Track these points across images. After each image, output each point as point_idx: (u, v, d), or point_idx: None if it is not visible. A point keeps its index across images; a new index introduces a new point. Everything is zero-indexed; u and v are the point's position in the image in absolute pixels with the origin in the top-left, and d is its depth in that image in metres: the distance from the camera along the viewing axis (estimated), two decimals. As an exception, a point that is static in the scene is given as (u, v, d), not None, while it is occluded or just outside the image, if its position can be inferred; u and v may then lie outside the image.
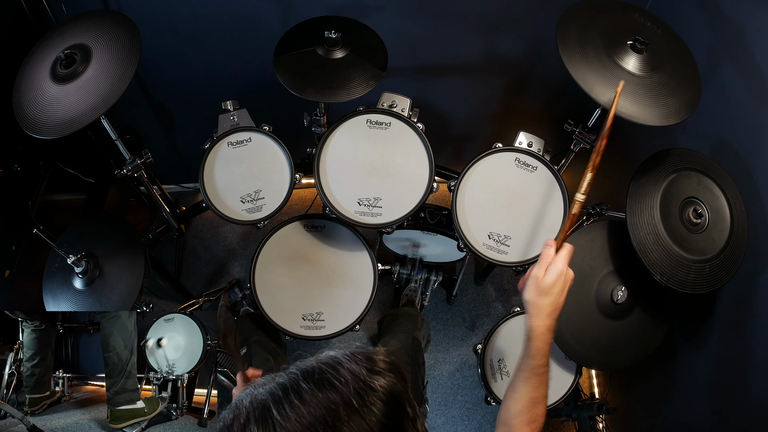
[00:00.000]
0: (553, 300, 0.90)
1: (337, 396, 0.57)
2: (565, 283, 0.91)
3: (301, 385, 0.58)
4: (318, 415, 0.55)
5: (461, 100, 2.12)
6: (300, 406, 0.56)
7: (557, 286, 0.90)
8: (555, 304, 0.90)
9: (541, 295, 0.90)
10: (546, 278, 0.90)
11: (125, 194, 2.37)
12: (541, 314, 0.90)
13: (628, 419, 1.86)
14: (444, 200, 2.40)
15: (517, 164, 1.51)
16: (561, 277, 0.90)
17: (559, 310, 0.91)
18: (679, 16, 1.55)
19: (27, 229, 1.75)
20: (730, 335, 1.35)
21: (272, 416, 0.56)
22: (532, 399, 0.89)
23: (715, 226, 1.23)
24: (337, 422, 0.55)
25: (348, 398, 0.57)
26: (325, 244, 1.65)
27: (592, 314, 1.35)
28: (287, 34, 1.45)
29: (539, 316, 0.90)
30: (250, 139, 1.55)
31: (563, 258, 0.91)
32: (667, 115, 1.18)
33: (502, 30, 1.80)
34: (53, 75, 1.25)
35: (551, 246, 0.93)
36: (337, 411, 0.56)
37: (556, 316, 0.91)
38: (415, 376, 1.42)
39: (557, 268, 0.90)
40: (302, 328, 1.55)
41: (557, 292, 0.90)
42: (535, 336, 0.89)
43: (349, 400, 0.56)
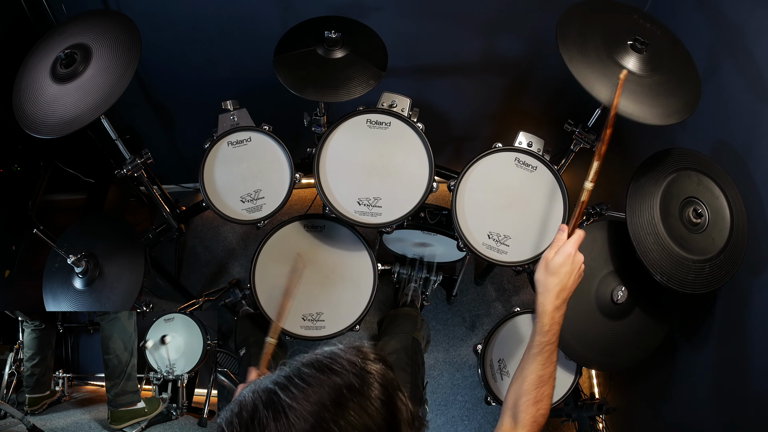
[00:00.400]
0: (561, 280, 0.95)
1: (339, 378, 0.60)
2: (573, 266, 0.97)
3: (303, 371, 0.61)
4: (324, 394, 0.58)
5: (461, 100, 2.12)
6: (306, 388, 0.59)
7: (565, 267, 0.96)
8: (563, 284, 0.95)
9: (549, 274, 0.96)
10: (555, 259, 0.96)
11: (125, 194, 2.37)
12: (549, 293, 0.96)
13: (628, 419, 1.86)
14: (444, 200, 2.40)
15: (517, 164, 1.51)
16: (569, 258, 0.96)
17: (568, 291, 0.97)
18: (679, 16, 1.55)
19: (27, 229, 1.75)
20: (730, 335, 1.35)
21: (280, 398, 0.58)
22: (540, 377, 0.93)
23: (715, 226, 1.23)
24: (342, 400, 0.58)
25: (349, 380, 0.60)
26: (325, 244, 1.65)
27: (592, 314, 1.35)
28: (287, 34, 1.45)
29: (547, 294, 0.96)
30: (250, 139, 1.55)
31: (573, 242, 0.98)
32: (667, 115, 1.18)
33: (502, 30, 1.80)
34: (53, 74, 1.25)
35: (564, 231, 1.00)
36: (341, 391, 0.59)
37: (565, 297, 0.96)
38: (414, 376, 1.42)
39: (566, 250, 0.97)
40: (302, 328, 1.55)
41: (565, 273, 0.95)
42: (543, 312, 0.95)
43: (350, 381, 0.60)
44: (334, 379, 0.60)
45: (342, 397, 0.58)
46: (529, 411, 0.90)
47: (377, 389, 0.61)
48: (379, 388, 0.61)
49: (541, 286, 0.97)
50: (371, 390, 0.60)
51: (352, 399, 0.58)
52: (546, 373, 0.93)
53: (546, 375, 0.93)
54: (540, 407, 0.91)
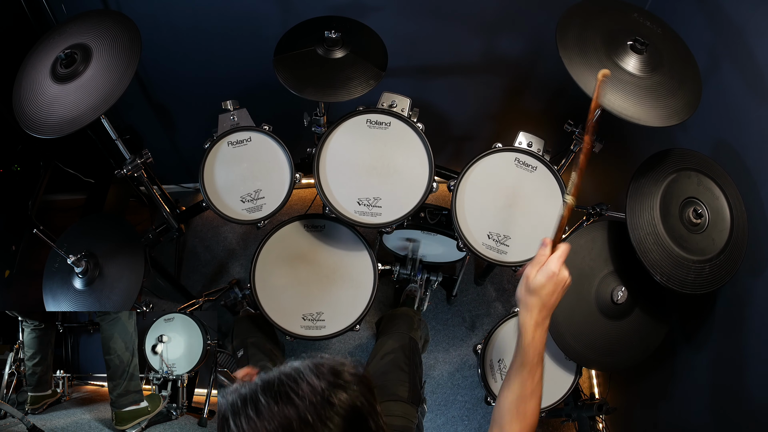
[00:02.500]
0: (542, 300, 0.90)
1: (293, 411, 0.57)
2: (556, 285, 0.90)
3: (259, 398, 0.59)
4: (271, 429, 0.56)
5: (461, 100, 2.12)
6: (255, 420, 0.57)
7: (546, 288, 0.90)
8: (544, 304, 0.90)
9: (529, 293, 0.91)
10: (537, 278, 0.90)
11: (125, 194, 2.37)
12: (529, 311, 0.91)
13: (628, 419, 1.86)
14: (444, 200, 2.40)
15: (517, 164, 1.51)
16: (552, 279, 0.90)
17: (550, 309, 0.92)
18: (679, 16, 1.55)
19: (27, 229, 1.75)
20: (730, 335, 1.35)
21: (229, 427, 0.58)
22: (521, 394, 0.89)
23: (715, 226, 1.23)
24: None
25: (304, 414, 0.57)
26: (325, 244, 1.65)
27: (592, 314, 1.35)
28: (287, 34, 1.45)
29: (527, 312, 0.91)
30: (250, 139, 1.55)
31: (556, 259, 0.91)
32: (667, 116, 1.18)
33: (502, 30, 1.80)
34: (53, 74, 1.25)
35: (546, 246, 0.93)
36: (291, 426, 0.57)
37: (546, 314, 0.91)
38: (413, 375, 1.43)
39: (548, 269, 0.90)
40: (302, 328, 1.55)
41: (546, 293, 0.90)
42: (524, 330, 0.91)
43: (304, 415, 0.57)
44: (287, 412, 0.57)
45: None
46: (514, 425, 0.88)
47: (336, 425, 0.58)
48: (340, 424, 0.58)
49: (521, 303, 0.93)
50: (326, 427, 0.57)
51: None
52: (528, 390, 0.90)
53: (528, 392, 0.90)
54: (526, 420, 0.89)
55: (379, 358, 1.47)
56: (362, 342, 2.24)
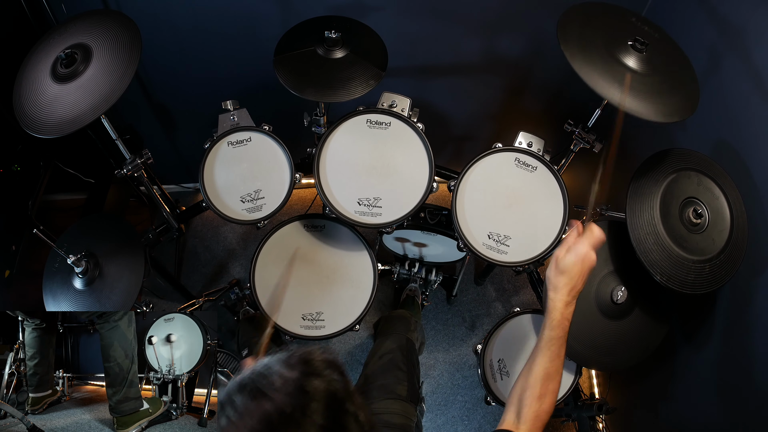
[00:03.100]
0: (572, 281, 0.95)
1: (270, 405, 0.57)
2: (584, 265, 0.95)
3: (234, 399, 0.59)
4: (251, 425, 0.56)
5: (461, 100, 2.12)
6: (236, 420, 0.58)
7: (576, 267, 0.95)
8: (572, 283, 0.95)
9: (559, 273, 0.96)
10: (567, 258, 0.95)
11: (125, 194, 2.37)
12: (559, 291, 0.95)
13: (628, 419, 1.86)
14: (444, 200, 2.40)
15: (517, 164, 1.51)
16: (580, 259, 0.94)
17: (577, 290, 0.96)
18: (679, 15, 1.55)
19: (27, 229, 1.75)
20: (730, 335, 1.35)
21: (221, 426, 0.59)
22: (546, 371, 0.93)
23: (715, 226, 1.23)
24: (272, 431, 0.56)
25: (281, 406, 0.57)
26: (325, 244, 1.65)
27: (592, 314, 1.35)
28: (287, 34, 1.45)
29: (557, 292, 0.96)
30: (250, 139, 1.55)
31: (586, 241, 0.96)
32: (669, 113, 1.18)
33: (502, 30, 1.80)
34: (54, 74, 1.25)
35: (576, 227, 0.99)
36: (270, 420, 0.57)
37: (575, 294, 0.96)
38: (411, 374, 1.43)
39: (579, 250, 0.95)
40: (302, 328, 1.55)
41: (576, 273, 0.95)
42: (553, 308, 0.95)
43: (282, 407, 0.57)
44: (265, 407, 0.57)
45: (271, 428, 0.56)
46: (532, 406, 0.90)
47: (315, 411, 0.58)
48: (318, 409, 0.58)
49: (551, 284, 0.97)
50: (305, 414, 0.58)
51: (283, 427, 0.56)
52: (553, 367, 0.94)
53: (553, 370, 0.94)
54: (544, 402, 0.91)
55: (378, 358, 1.48)
56: (362, 342, 2.24)
